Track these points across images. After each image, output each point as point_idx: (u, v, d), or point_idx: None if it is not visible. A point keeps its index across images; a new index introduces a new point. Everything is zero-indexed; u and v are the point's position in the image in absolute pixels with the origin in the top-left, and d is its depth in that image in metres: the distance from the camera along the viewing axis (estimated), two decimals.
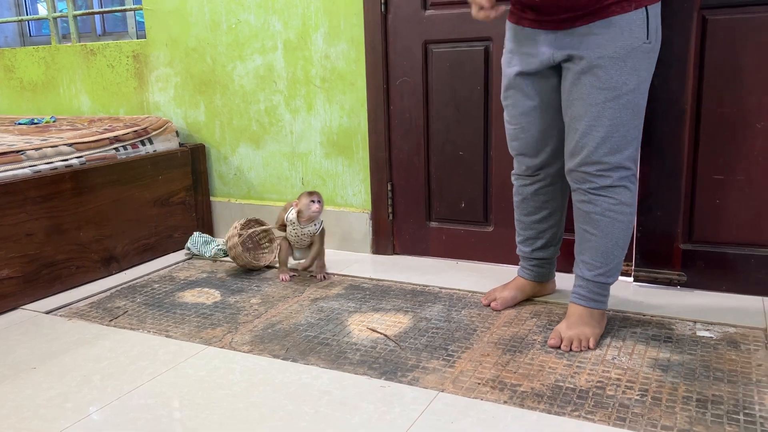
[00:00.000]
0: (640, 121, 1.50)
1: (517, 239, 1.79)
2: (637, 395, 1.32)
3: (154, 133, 2.45)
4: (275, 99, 2.40)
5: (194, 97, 2.58)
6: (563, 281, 1.87)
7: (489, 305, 1.78)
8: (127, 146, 2.35)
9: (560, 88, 1.55)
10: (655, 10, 1.44)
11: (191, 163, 2.52)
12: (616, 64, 1.42)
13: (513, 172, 1.74)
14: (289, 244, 2.11)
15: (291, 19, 2.30)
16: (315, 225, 2.07)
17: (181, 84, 2.59)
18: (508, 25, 1.60)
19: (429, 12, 2.07)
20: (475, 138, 2.10)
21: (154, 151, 2.43)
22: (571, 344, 1.53)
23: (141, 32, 2.83)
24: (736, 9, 1.68)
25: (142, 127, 2.43)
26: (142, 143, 2.40)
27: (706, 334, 1.59)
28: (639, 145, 1.52)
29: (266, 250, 2.31)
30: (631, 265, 1.93)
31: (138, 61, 2.66)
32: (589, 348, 1.53)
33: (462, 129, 2.12)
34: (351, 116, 2.28)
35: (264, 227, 2.29)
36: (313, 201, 2.02)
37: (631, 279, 1.94)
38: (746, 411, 1.25)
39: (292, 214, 2.06)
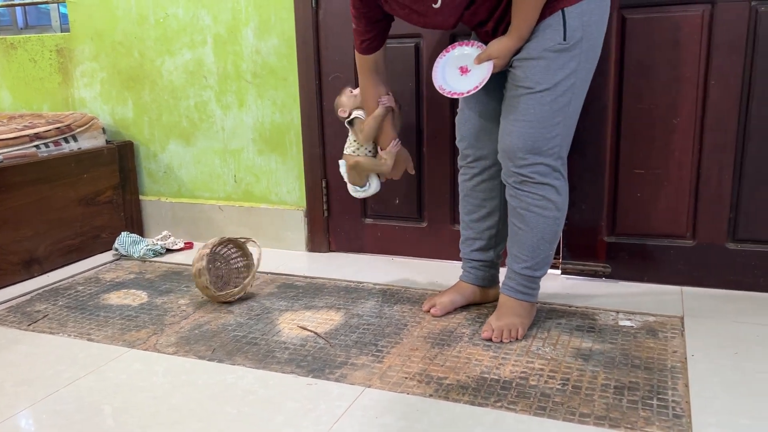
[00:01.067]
0: (565, 119, 1.48)
1: (460, 240, 1.78)
2: (559, 384, 1.35)
3: (78, 129, 2.36)
4: (205, 94, 2.35)
5: (122, 93, 2.50)
6: None
7: (429, 311, 1.73)
8: (49, 143, 2.26)
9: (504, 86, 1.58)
10: (577, 10, 1.42)
11: (119, 161, 2.45)
12: (529, 63, 1.45)
13: (459, 164, 1.74)
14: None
15: (220, 13, 2.26)
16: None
17: (108, 79, 2.50)
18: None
19: None
20: (408, 134, 2.11)
21: (79, 148, 2.35)
22: (501, 334, 1.55)
23: (65, 26, 2.72)
24: (653, 8, 1.74)
25: (66, 123, 2.34)
26: (66, 140, 2.31)
27: (628, 323, 1.64)
28: (564, 143, 1.51)
29: (241, 277, 1.96)
30: (559, 258, 1.97)
31: (62, 56, 2.56)
32: (516, 338, 1.55)
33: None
34: (283, 112, 2.25)
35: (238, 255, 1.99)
36: (351, 89, 1.85)
37: (558, 271, 1.98)
38: (659, 396, 1.29)
39: (355, 113, 1.83)
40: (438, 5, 1.46)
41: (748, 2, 1.66)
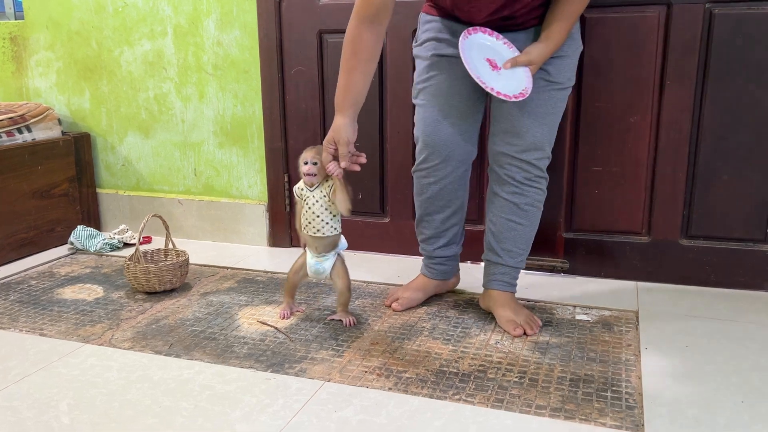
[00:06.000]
0: None
1: (419, 237, 1.74)
2: (516, 377, 1.36)
3: (32, 120, 2.30)
4: (165, 86, 2.31)
5: (78, 84, 2.43)
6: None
7: (390, 306, 1.71)
8: (2, 134, 2.19)
9: None
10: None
11: (75, 153, 2.39)
12: (562, 61, 1.47)
13: (418, 167, 1.63)
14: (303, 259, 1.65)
15: (181, 3, 2.22)
16: (327, 185, 1.54)
17: (64, 69, 2.44)
18: (431, 18, 1.56)
19: (323, 1, 2.05)
20: (371, 130, 2.10)
21: (33, 139, 2.28)
22: (531, 327, 1.55)
23: (19, 13, 2.64)
24: (610, 8, 1.77)
25: (19, 114, 2.27)
26: (19, 131, 2.25)
27: (584, 317, 1.66)
28: None
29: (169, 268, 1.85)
30: None
31: (16, 44, 2.49)
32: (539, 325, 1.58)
33: (357, 120, 2.11)
34: (245, 105, 2.23)
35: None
36: (306, 162, 1.53)
37: None
38: (614, 388, 1.32)
39: (297, 186, 1.58)
40: None
41: (703, 4, 1.71)
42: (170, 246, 1.95)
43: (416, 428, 1.18)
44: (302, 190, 1.56)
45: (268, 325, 1.64)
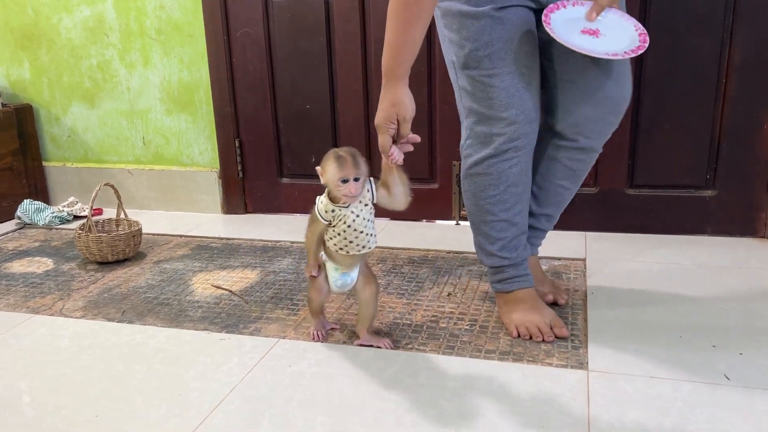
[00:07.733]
0: None
1: (494, 248, 1.36)
2: (467, 325, 1.40)
3: None
4: (108, 53, 2.25)
5: (16, 53, 2.35)
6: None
7: (554, 336, 1.33)
8: None
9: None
10: None
11: (17, 126, 2.31)
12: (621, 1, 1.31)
13: (495, 153, 1.29)
14: (325, 276, 1.31)
15: None
16: (367, 192, 1.21)
17: (0, 39, 2.35)
18: None
19: None
20: (321, 91, 2.09)
21: None
22: (560, 296, 1.47)
23: None
24: None
25: None
26: None
27: None
28: None
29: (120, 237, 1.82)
30: None
31: None
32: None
33: (307, 81, 2.10)
34: (191, 70, 2.18)
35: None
36: (345, 180, 1.15)
37: None
38: None
39: (322, 204, 1.22)
40: None
41: None
42: (122, 216, 1.92)
43: (369, 377, 1.21)
44: (333, 211, 1.21)
45: (223, 288, 1.64)
